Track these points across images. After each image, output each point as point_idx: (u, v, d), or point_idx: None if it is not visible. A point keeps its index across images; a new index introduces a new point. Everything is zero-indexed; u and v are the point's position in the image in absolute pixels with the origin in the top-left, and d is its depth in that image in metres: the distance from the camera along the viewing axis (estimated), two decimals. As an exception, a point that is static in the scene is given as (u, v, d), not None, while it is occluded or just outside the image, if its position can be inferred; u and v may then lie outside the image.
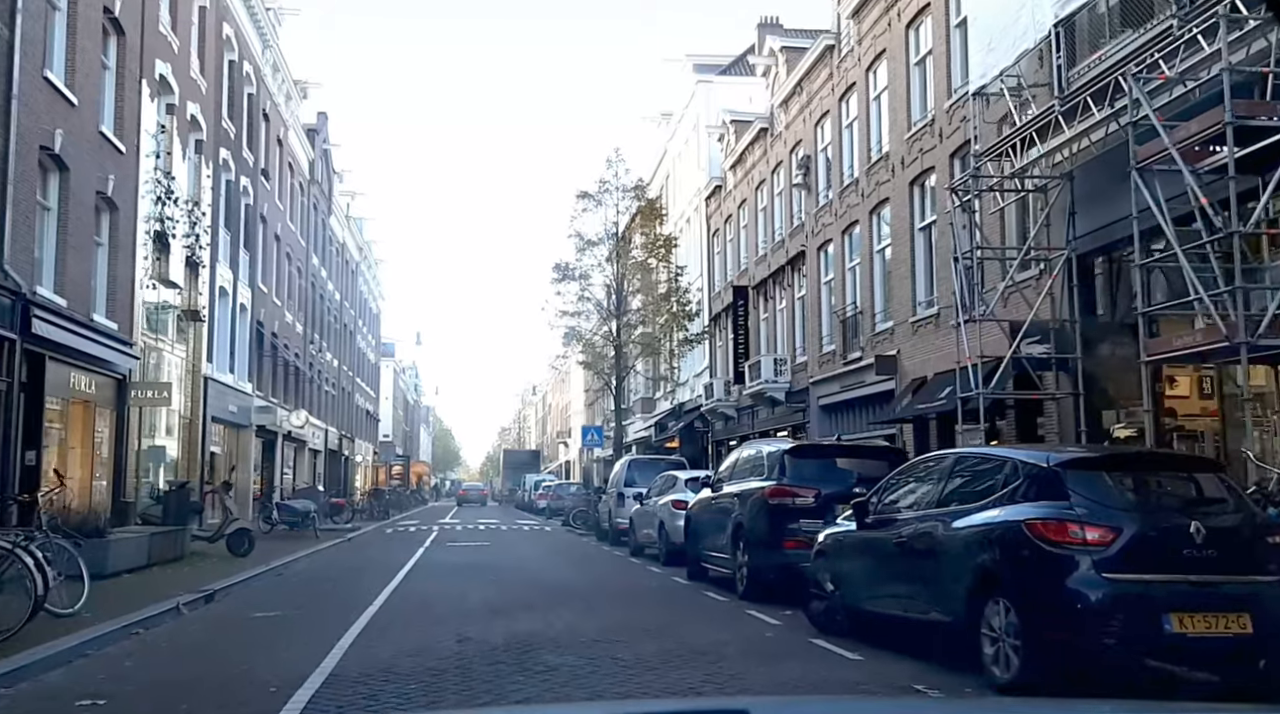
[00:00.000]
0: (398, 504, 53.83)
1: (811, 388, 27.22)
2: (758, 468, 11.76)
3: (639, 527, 18.70)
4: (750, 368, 30.79)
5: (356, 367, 64.57)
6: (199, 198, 27.16)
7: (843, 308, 25.20)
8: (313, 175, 46.58)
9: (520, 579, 14.09)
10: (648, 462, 24.19)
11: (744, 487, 11.67)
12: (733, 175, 35.70)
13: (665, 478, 18.49)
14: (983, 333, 15.74)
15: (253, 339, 34.52)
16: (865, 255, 23.89)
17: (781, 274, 30.27)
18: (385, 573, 14.75)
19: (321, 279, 49.96)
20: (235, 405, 31.72)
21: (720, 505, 12.47)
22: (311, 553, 19.13)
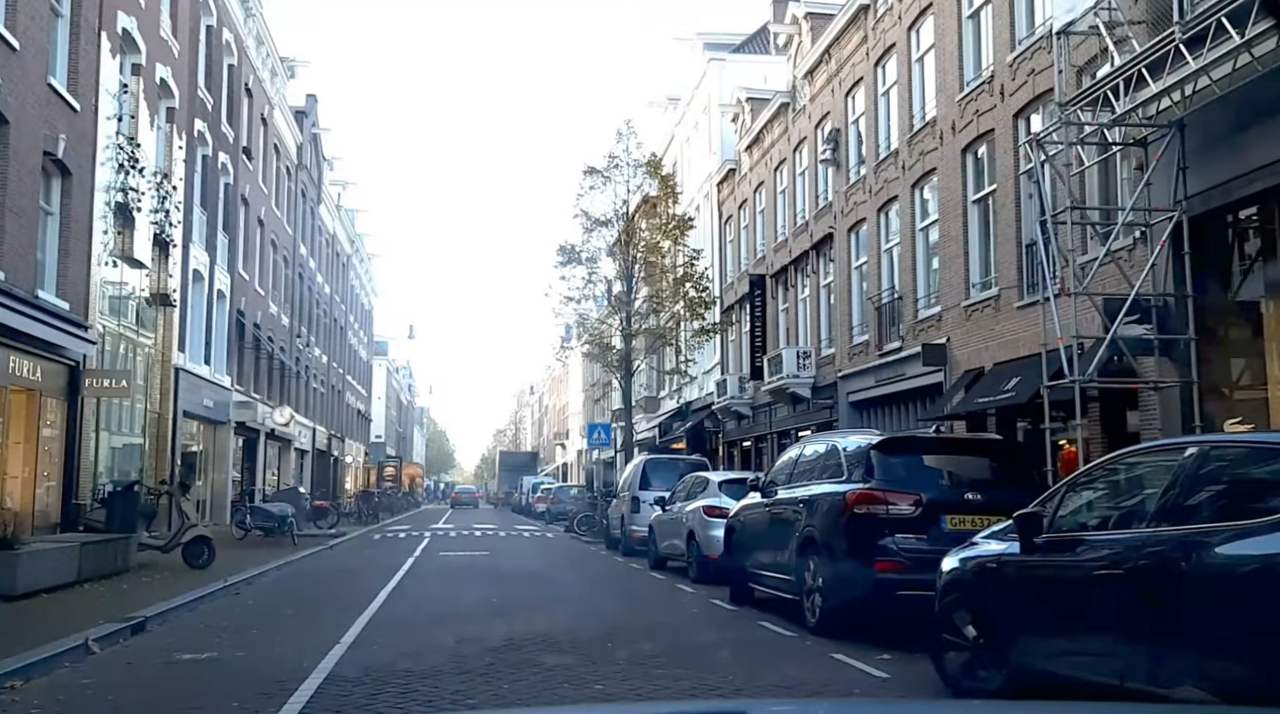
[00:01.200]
0: (389, 507, 51.31)
1: (840, 383, 24.85)
2: (832, 467, 9.31)
3: (661, 536, 16.32)
4: (770, 362, 28.42)
5: (347, 364, 62.13)
6: (169, 171, 24.76)
7: (878, 294, 22.84)
8: (300, 160, 44.18)
9: (532, 604, 11.57)
10: (666, 462, 21.77)
11: (813, 491, 9.27)
12: (748, 157, 33.34)
13: (693, 480, 16.12)
14: (1064, 311, 13.37)
15: (232, 329, 32.11)
16: (906, 234, 21.53)
17: (804, 260, 27.91)
18: (364, 592, 12.35)
19: (310, 270, 47.54)
20: (211, 399, 29.31)
21: (778, 514, 10.05)
22: (283, 564, 16.73)
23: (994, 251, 18.28)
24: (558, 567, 18.10)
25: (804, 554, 9.07)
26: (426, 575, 15.45)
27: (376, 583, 13.52)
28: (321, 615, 10.35)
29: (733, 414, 33.57)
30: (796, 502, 9.53)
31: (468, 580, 14.18)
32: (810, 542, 8.99)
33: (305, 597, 12.48)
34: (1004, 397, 15.79)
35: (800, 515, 9.29)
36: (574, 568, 17.90)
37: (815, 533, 8.91)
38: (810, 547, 8.99)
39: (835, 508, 8.70)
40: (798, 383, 26.79)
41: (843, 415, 24.70)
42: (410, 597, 12.26)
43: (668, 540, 15.83)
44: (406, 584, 14.32)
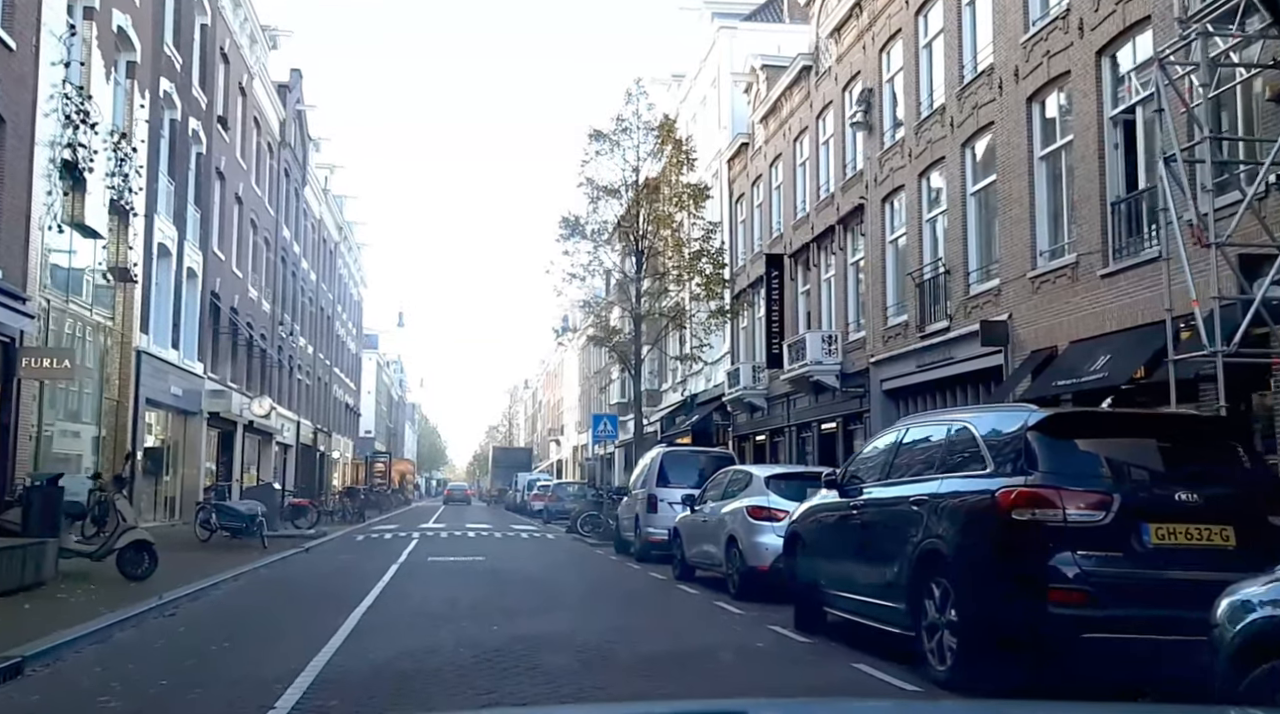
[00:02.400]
0: (377, 505, 48.85)
1: (872, 369, 22.45)
2: (962, 455, 6.71)
3: (690, 542, 13.85)
4: (790, 348, 26.01)
5: (335, 356, 59.60)
6: (130, 131, 22.25)
7: (919, 269, 20.43)
8: (283, 137, 41.65)
9: (551, 636, 9.03)
10: (686, 456, 19.32)
11: (934, 488, 6.77)
12: (763, 129, 30.92)
13: (731, 476, 13.62)
14: (1197, 268, 10.97)
15: (205, 312, 29.62)
16: (954, 200, 19.12)
17: (829, 236, 25.49)
18: (328, 615, 9.90)
19: (294, 255, 45.03)
20: (180, 387, 26.82)
21: (870, 519, 7.51)
22: (242, 573, 14.26)
23: (1068, 213, 15.89)
24: (567, 577, 15.47)
25: (923, 575, 6.55)
26: (410, 589, 12.91)
27: (347, 600, 11.05)
28: (263, 655, 7.87)
29: (745, 406, 31.18)
30: (903, 503, 7.02)
31: (460, 597, 11.68)
32: (934, 558, 6.49)
33: (251, 622, 9.95)
34: (1093, 378, 13.38)
35: (913, 522, 6.77)
36: (586, 578, 15.28)
37: (943, 546, 6.40)
38: (934, 565, 6.48)
39: (979, 512, 6.17)
40: (823, 370, 24.37)
41: (875, 405, 22.30)
42: (392, 609, 9.80)
43: (699, 547, 13.37)
44: (388, 594, 11.81)
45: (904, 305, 21.53)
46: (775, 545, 11.02)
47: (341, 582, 13.67)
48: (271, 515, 23.63)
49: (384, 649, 7.90)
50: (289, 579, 14.40)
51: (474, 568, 16.29)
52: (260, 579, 14.27)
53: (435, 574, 14.91)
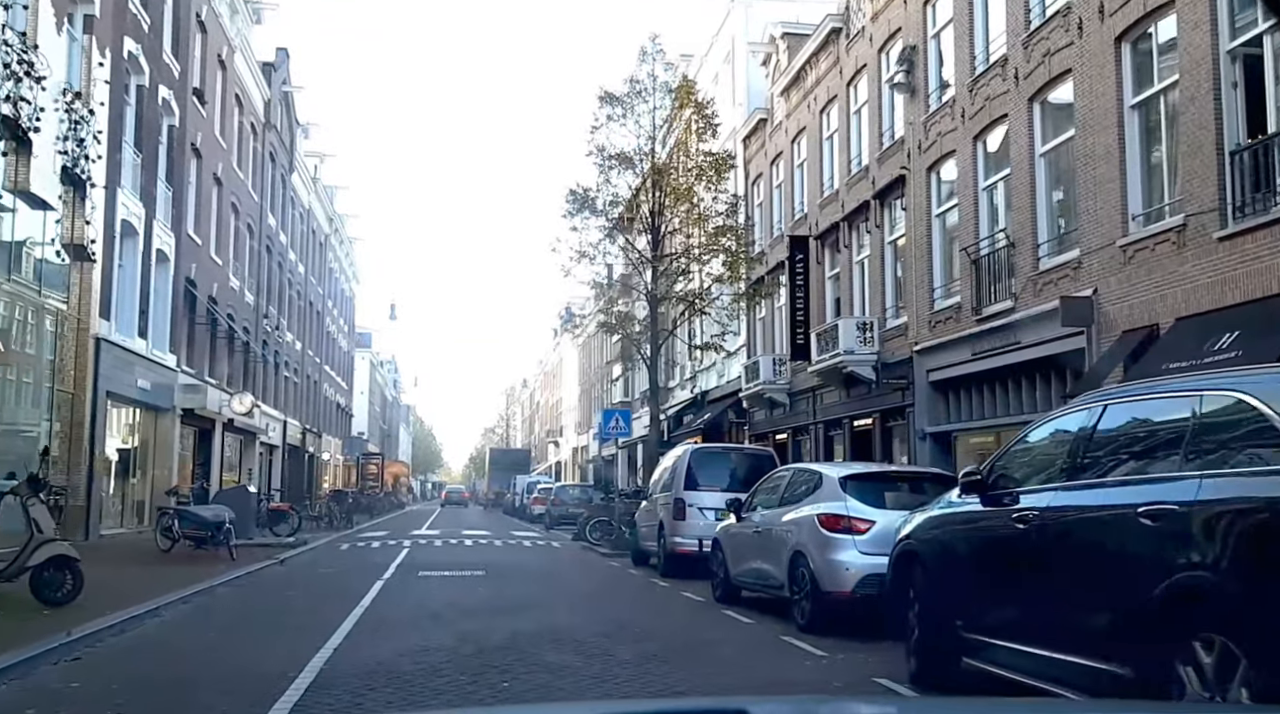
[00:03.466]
0: (369, 509, 46.42)
1: (917, 358, 20.11)
2: (1239, 440, 4.30)
3: (737, 557, 11.43)
4: (819, 337, 23.64)
5: (325, 353, 57.19)
6: (87, 93, 19.90)
7: (975, 244, 18.08)
8: (269, 119, 39.26)
9: (575, 686, 6.57)
10: (717, 454, 16.82)
11: (1181, 493, 4.23)
12: (784, 103, 28.59)
13: (791, 478, 11.03)
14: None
15: (178, 300, 27.23)
16: (1021, 162, 16.77)
17: (862, 214, 23.16)
18: (284, 657, 7.55)
19: (281, 245, 42.65)
20: (148, 380, 24.42)
21: (1054, 538, 4.83)
22: (194, 594, 11.86)
23: (1170, 169, 13.55)
24: (587, 599, 12.85)
25: (1176, 624, 4.04)
26: (394, 618, 10.29)
27: (310, 637, 8.63)
28: None
29: (765, 402, 28.83)
30: (1120, 515, 4.54)
31: (455, 632, 9.20)
32: (1195, 599, 3.97)
33: (171, 676, 7.42)
34: (1221, 361, 11.03)
35: (1149, 543, 4.30)
36: (612, 602, 12.57)
37: (1214, 581, 3.90)
38: (1197, 610, 3.97)
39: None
40: (857, 361, 22.02)
41: (920, 398, 19.97)
42: (362, 667, 7.35)
43: (749, 564, 10.93)
44: (361, 638, 9.14)
45: (954, 286, 19.21)
46: (859, 565, 8.71)
47: (310, 607, 11.24)
48: (246, 522, 21.25)
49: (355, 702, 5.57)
50: (246, 603, 11.92)
51: (472, 587, 13.75)
52: (213, 602, 11.84)
53: (426, 595, 12.45)
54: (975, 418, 18.42)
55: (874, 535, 8.89)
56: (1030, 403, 16.73)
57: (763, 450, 17.31)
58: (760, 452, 16.99)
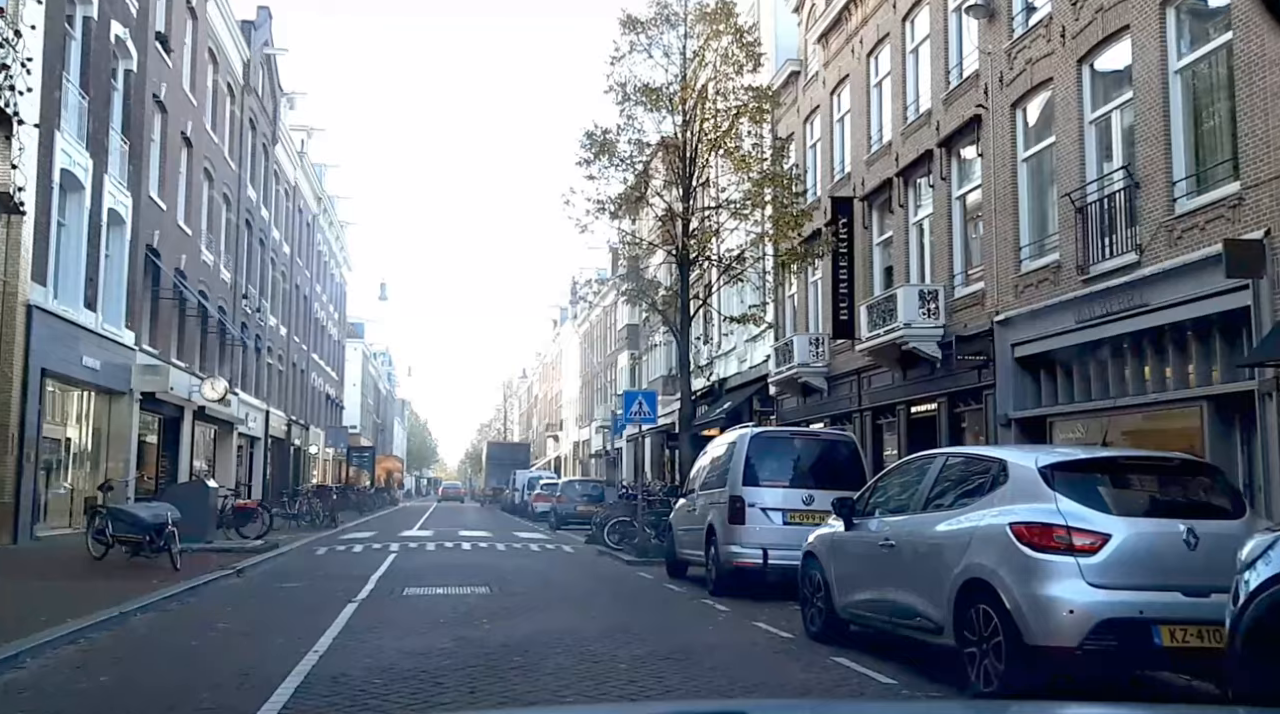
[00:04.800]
0: (357, 506, 43.28)
1: (998, 331, 16.96)
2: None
3: (849, 581, 8.08)
4: (871, 311, 20.49)
5: (314, 341, 53.94)
6: (14, 13, 16.69)
7: (1080, 189, 14.90)
8: (248, 81, 36.00)
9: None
10: (783, 441, 13.19)
11: None
12: (821, 51, 25.42)
13: (945, 468, 7.47)
14: None
15: (137, 270, 24.03)
16: (1149, 83, 13.59)
17: (922, 166, 20.00)
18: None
19: (262, 220, 39.40)
20: (97, 359, 21.23)
21: None
22: (86, 628, 8.62)
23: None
24: (641, 642, 8.61)
25: None
26: (361, 674, 6.91)
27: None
28: None
29: (798, 388, 25.69)
30: None
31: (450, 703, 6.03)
32: None
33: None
34: None
35: None
36: (670, 639, 8.75)
37: None
38: None
39: None
40: (920, 336, 18.87)
41: (1003, 378, 16.82)
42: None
43: (873, 592, 7.51)
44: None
45: (1049, 243, 16.06)
46: (1087, 603, 5.57)
47: (241, 655, 7.92)
48: (204, 522, 18.10)
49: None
50: (151, 645, 8.40)
51: (473, 616, 10.21)
52: (111, 642, 8.56)
53: (409, 629, 9.07)
54: (1078, 399, 15.27)
55: (1110, 557, 5.74)
56: (1159, 378, 13.59)
57: (841, 435, 13.96)
58: (838, 437, 13.66)
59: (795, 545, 11.39)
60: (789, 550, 11.22)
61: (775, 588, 11.39)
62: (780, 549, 11.49)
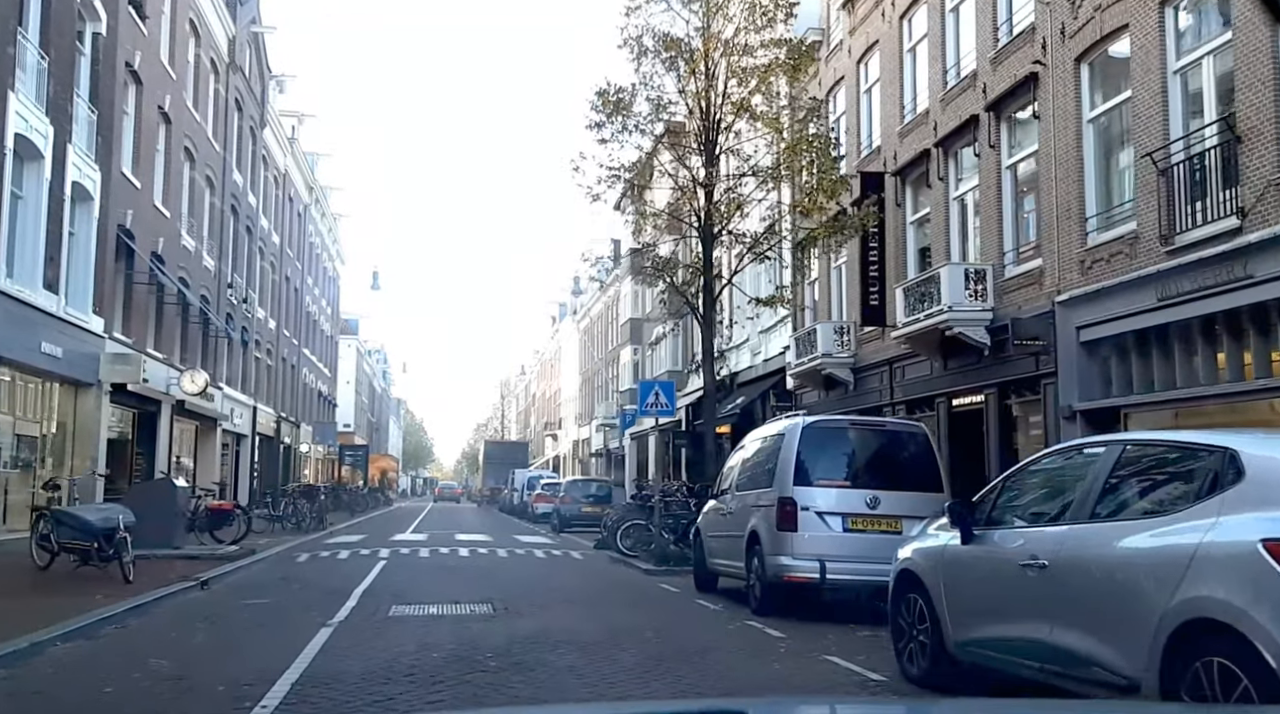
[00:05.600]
0: (349, 506, 41.43)
1: (1059, 313, 15.15)
2: None
3: (969, 614, 6.16)
4: (908, 294, 18.66)
5: (305, 336, 52.05)
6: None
7: (1164, 147, 13.07)
8: (233, 59, 34.12)
9: None
10: (841, 431, 10.97)
11: None
12: (846, 17, 23.61)
13: (1155, 459, 5.45)
14: None
15: (107, 251, 22.18)
16: (1251, 24, 11.74)
17: (966, 134, 18.20)
18: None
19: (249, 207, 37.53)
20: (59, 346, 19.38)
21: None
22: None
23: None
24: (702, 684, 6.95)
25: None
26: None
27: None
28: None
29: (820, 381, 23.86)
30: None
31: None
32: None
33: None
34: None
35: None
36: (743, 689, 6.88)
37: None
38: None
39: None
40: (965, 319, 17.04)
41: (1066, 365, 15.00)
42: None
43: (1015, 627, 5.39)
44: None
45: (1122, 212, 14.25)
46: None
47: (168, 708, 6.08)
48: (171, 525, 16.26)
49: None
50: (52, 699, 6.61)
51: (475, 644, 8.30)
52: (9, 683, 6.75)
53: (394, 673, 6.95)
54: (1159, 387, 13.45)
55: None
56: (1262, 363, 11.78)
57: (909, 425, 11.89)
58: (906, 428, 11.62)
59: (858, 557, 9.59)
60: (850, 563, 9.42)
61: (832, 608, 9.59)
62: (840, 561, 9.69)
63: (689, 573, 14.16)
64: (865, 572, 9.46)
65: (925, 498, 9.76)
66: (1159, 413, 13.64)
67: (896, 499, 10.00)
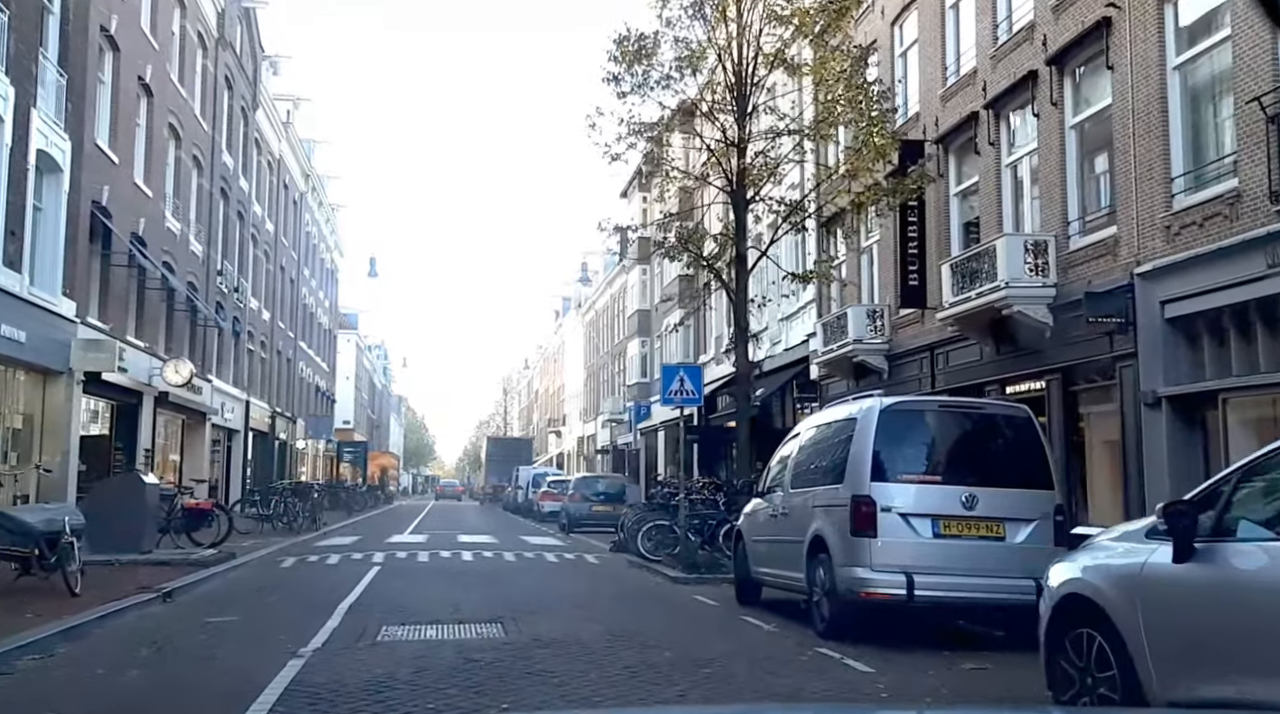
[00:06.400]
0: (347, 505, 39.75)
1: (1140, 286, 13.40)
2: None
3: (1189, 662, 4.34)
4: (956, 271, 16.90)
5: (302, 329, 50.33)
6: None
7: (1274, 90, 11.30)
8: (222, 33, 32.37)
9: None
10: (927, 415, 9.26)
11: None
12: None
13: None
14: None
15: (79, 229, 20.43)
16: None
17: (1021, 92, 16.46)
18: None
19: (241, 192, 35.80)
20: (21, 329, 17.65)
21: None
22: None
23: None
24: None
25: None
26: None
27: None
28: None
29: (850, 370, 22.15)
30: None
31: None
32: None
33: None
34: None
35: None
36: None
37: None
38: None
39: None
40: (1025, 297, 15.29)
41: (1148, 345, 13.25)
42: None
43: (1257, 683, 3.94)
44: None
45: (1216, 169, 12.49)
46: None
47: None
48: (139, 527, 14.53)
49: None
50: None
51: (481, 685, 6.58)
52: None
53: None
54: (1267, 368, 11.69)
55: None
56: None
57: (1010, 407, 9.64)
58: (1007, 410, 9.82)
59: (952, 568, 7.89)
60: (943, 575, 7.71)
61: (914, 629, 7.84)
62: (930, 574, 7.94)
63: (722, 581, 12.42)
64: (961, 587, 7.77)
65: (1031, 496, 8.07)
66: (1265, 398, 11.91)
67: (997, 497, 8.24)
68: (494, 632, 8.86)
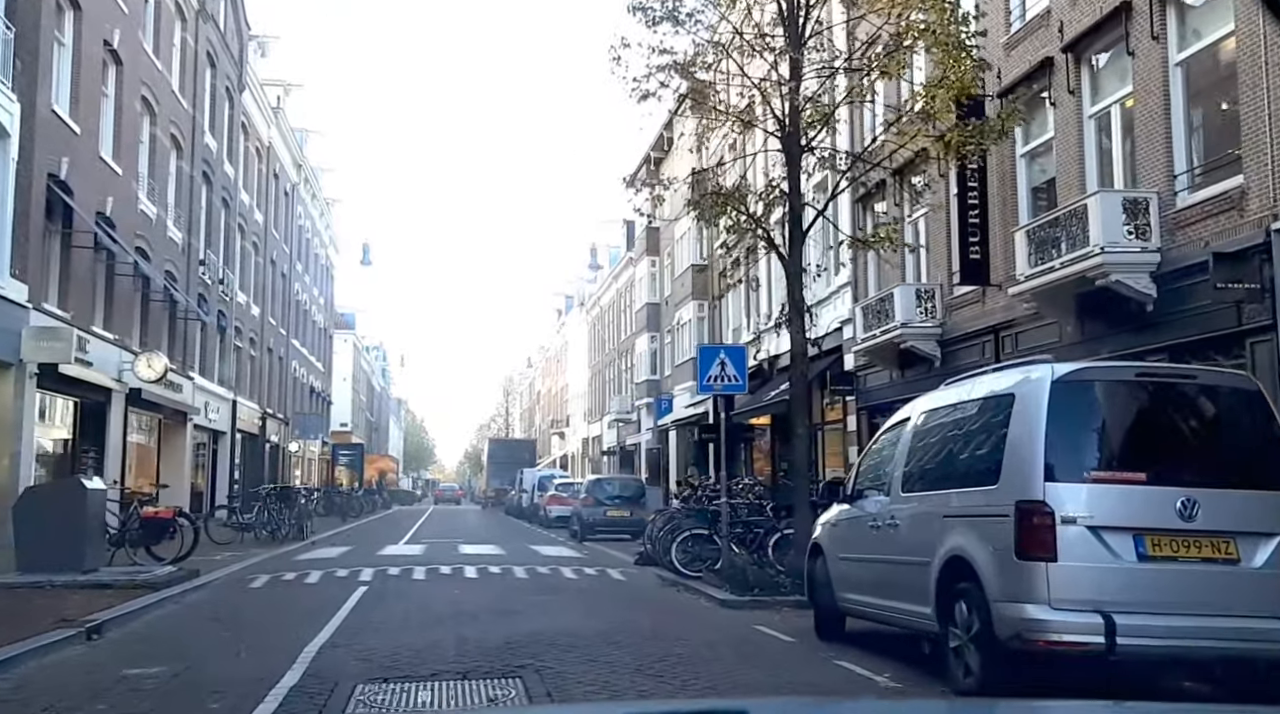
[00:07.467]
0: (343, 510, 37.48)
1: (1278, 242, 11.10)
2: None
3: None
4: (1032, 237, 14.61)
5: (295, 327, 48.11)
6: None
7: None
8: (203, 5, 30.13)
9: None
10: (1123, 387, 6.51)
11: None
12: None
13: None
14: None
15: (31, 204, 18.18)
16: None
17: (1105, 34, 14.20)
18: None
19: (226, 177, 33.55)
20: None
21: None
22: None
23: None
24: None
25: None
26: None
27: None
28: None
29: (894, 358, 19.94)
30: None
31: None
32: None
33: None
34: None
35: None
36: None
37: None
38: None
39: None
40: (1123, 264, 13.02)
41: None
42: None
43: None
44: None
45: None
46: None
47: None
48: (81, 541, 12.22)
49: None
50: None
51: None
52: None
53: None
54: None
55: None
56: None
57: (1234, 378, 7.47)
58: (1228, 382, 7.28)
59: (1168, 605, 5.54)
60: (1156, 616, 5.42)
61: (1106, 685, 5.53)
62: (1137, 613, 5.57)
63: (784, 605, 10.16)
64: (1184, 633, 5.44)
65: (1272, 501, 5.78)
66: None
67: (1226, 502, 5.86)
68: (512, 691, 6.51)
